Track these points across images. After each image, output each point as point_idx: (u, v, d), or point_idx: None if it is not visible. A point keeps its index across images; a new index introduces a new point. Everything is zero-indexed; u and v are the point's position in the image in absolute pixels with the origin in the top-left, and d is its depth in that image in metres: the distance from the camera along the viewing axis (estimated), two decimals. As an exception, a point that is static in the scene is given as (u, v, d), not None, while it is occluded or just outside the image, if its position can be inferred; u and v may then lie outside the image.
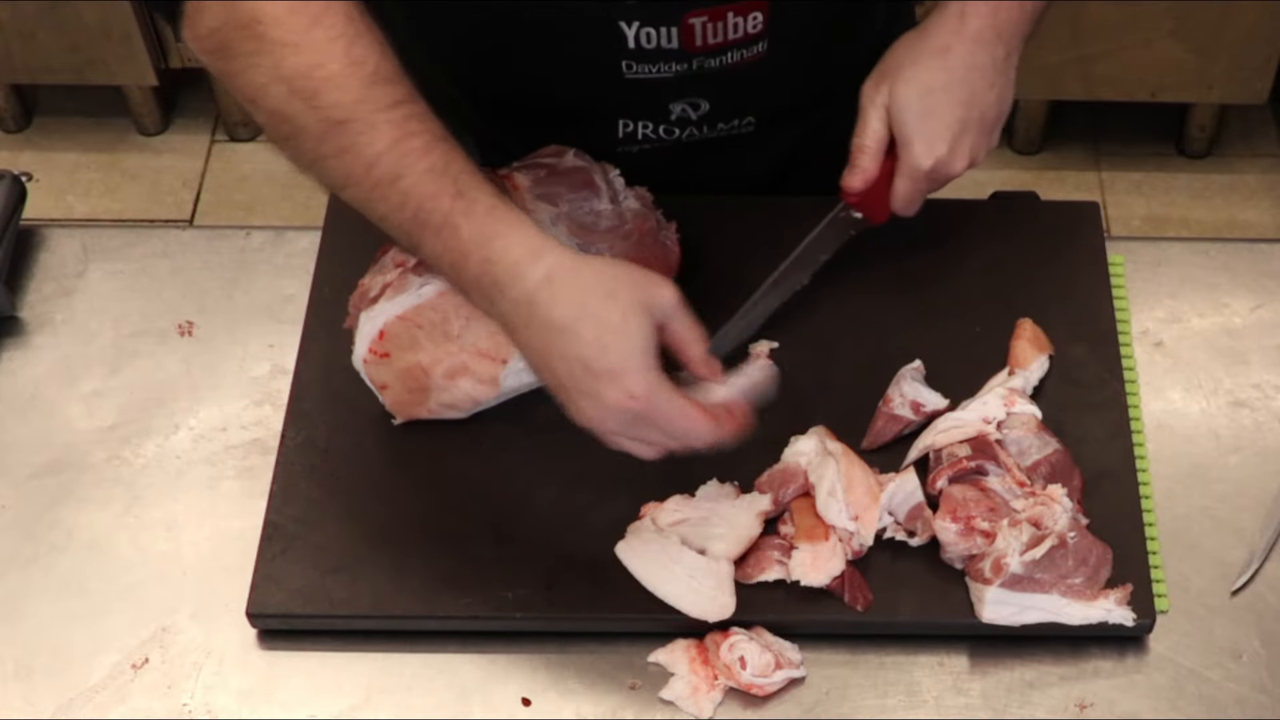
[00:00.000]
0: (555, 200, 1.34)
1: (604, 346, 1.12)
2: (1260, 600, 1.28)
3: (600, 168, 1.37)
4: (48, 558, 1.32)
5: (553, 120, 1.41)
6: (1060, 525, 1.23)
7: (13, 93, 3.03)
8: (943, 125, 1.27)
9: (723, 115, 1.42)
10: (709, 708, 1.22)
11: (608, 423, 1.15)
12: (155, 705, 1.24)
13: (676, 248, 1.39)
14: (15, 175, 1.50)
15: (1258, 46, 2.73)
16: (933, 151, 1.27)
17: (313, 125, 1.15)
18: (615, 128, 1.43)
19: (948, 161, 1.28)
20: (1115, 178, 2.99)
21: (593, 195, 1.35)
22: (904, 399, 1.33)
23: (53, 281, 1.50)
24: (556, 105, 1.41)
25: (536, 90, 1.41)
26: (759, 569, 1.25)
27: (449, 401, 1.31)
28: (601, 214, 1.35)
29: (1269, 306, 1.46)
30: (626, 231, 1.35)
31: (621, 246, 1.34)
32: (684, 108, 1.40)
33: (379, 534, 1.29)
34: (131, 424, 1.40)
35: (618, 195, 1.37)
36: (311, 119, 1.15)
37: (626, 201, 1.37)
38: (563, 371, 1.14)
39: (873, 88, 1.29)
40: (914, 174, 1.29)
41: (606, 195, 1.36)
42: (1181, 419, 1.38)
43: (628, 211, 1.36)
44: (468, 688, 1.25)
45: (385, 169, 1.14)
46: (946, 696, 1.23)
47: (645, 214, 1.37)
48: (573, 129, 1.40)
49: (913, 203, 1.32)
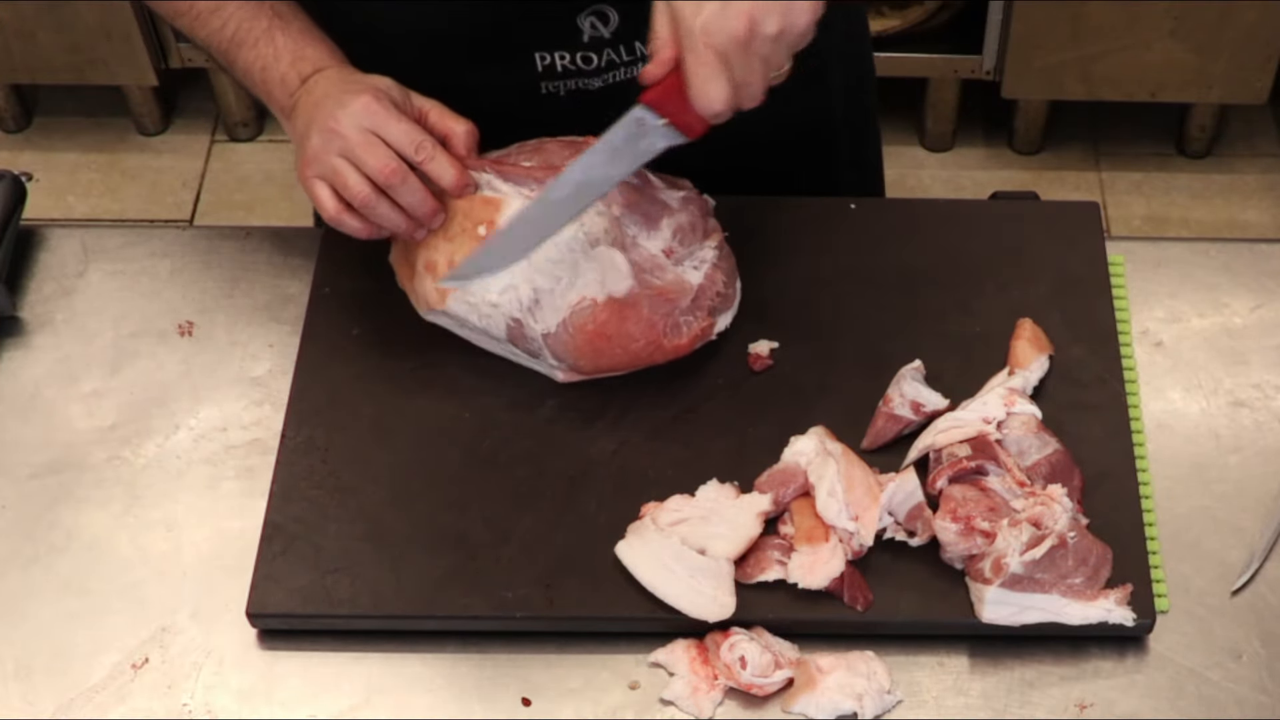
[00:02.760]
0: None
1: (360, 78, 1.34)
2: (1260, 600, 1.28)
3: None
4: (48, 558, 1.32)
5: (468, 60, 1.41)
6: (1060, 525, 1.23)
7: (13, 93, 3.04)
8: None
9: (637, 32, 1.38)
10: (709, 708, 1.22)
11: (336, 130, 1.28)
12: (155, 705, 1.24)
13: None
14: (15, 175, 1.50)
15: (1258, 46, 2.73)
16: (702, 10, 1.14)
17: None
18: (532, 60, 1.41)
19: (722, 16, 1.13)
20: (1115, 178, 2.99)
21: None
22: (904, 399, 1.33)
23: (53, 281, 1.50)
24: (466, 36, 1.41)
25: (444, 25, 1.40)
26: (759, 569, 1.25)
27: (415, 288, 1.38)
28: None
29: (1269, 306, 1.46)
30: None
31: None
32: (592, 21, 1.39)
33: (379, 534, 1.29)
34: (131, 424, 1.40)
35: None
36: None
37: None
38: (314, 115, 1.31)
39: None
40: (689, 39, 1.15)
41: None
42: (1181, 419, 1.38)
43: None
44: (468, 688, 1.25)
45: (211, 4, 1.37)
46: (946, 696, 1.23)
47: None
48: (492, 66, 1.41)
49: (707, 83, 1.16)
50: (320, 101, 1.32)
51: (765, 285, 1.42)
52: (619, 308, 1.31)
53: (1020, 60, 2.78)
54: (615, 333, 1.32)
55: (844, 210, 1.49)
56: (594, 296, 1.31)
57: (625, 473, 1.32)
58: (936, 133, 3.01)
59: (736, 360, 1.38)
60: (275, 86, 1.37)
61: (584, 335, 1.31)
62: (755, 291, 1.41)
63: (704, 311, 1.36)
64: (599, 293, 1.31)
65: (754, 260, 1.43)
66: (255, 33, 1.37)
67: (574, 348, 1.32)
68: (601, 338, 1.32)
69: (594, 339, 1.31)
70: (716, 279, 1.37)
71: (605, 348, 1.32)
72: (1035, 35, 2.73)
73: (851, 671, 1.22)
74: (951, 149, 3.04)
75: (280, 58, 1.36)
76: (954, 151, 3.04)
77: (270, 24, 1.37)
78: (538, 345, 1.33)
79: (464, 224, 1.33)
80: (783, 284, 1.43)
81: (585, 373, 1.34)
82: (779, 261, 1.44)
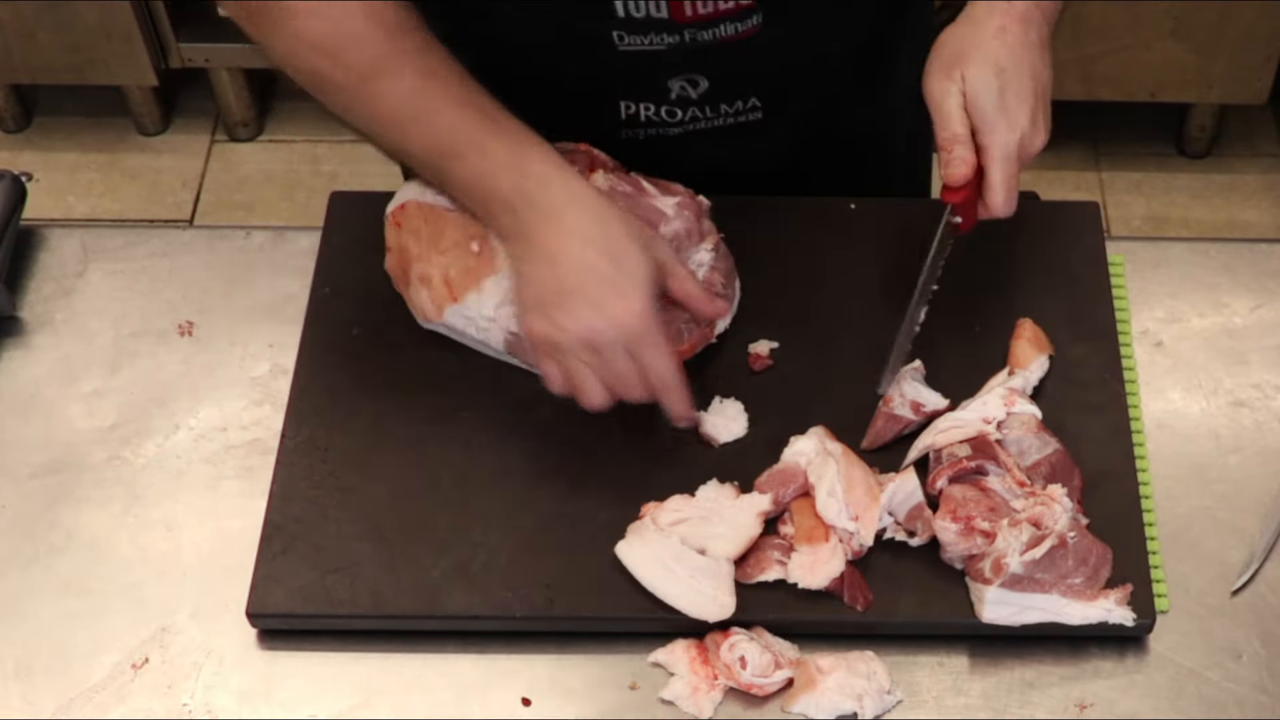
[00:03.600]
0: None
1: (616, 264, 1.22)
2: (1260, 600, 1.28)
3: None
4: (48, 558, 1.32)
5: (554, 102, 1.41)
6: (1060, 525, 1.23)
7: (13, 93, 3.04)
8: (1021, 100, 1.26)
9: (723, 95, 1.42)
10: (709, 708, 1.22)
11: (601, 335, 1.21)
12: (155, 705, 1.24)
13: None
14: (15, 175, 1.50)
15: (1258, 46, 2.73)
16: (1018, 126, 1.25)
17: (341, 79, 1.25)
18: (617, 109, 1.43)
19: (1031, 137, 1.26)
20: (1115, 178, 2.99)
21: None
22: (904, 399, 1.33)
23: (53, 281, 1.50)
24: (554, 84, 1.41)
25: (534, 69, 1.41)
26: (759, 569, 1.25)
27: (412, 298, 1.38)
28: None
29: (1269, 306, 1.46)
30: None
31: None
32: (682, 85, 1.40)
33: (379, 534, 1.29)
34: (131, 424, 1.40)
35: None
36: (339, 75, 1.25)
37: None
38: (567, 280, 1.22)
39: (941, 78, 1.27)
40: (1006, 154, 1.25)
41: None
42: (1181, 419, 1.38)
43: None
44: (468, 688, 1.25)
45: (414, 110, 1.25)
46: (946, 696, 1.23)
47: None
48: (575, 111, 1.41)
49: (1010, 191, 1.27)
50: (566, 262, 1.22)
51: (765, 285, 1.42)
52: None
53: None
54: None
55: (844, 210, 1.49)
56: None
57: (625, 473, 1.32)
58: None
59: (736, 360, 1.38)
60: (497, 206, 1.27)
61: None
62: (755, 291, 1.41)
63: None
64: None
65: (754, 260, 1.43)
66: (468, 144, 1.25)
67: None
68: None
69: None
70: (714, 281, 1.36)
71: None
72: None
73: (851, 671, 1.22)
74: (951, 149, 3.04)
75: (499, 176, 1.25)
76: (954, 152, 3.04)
77: (484, 132, 1.26)
78: (536, 357, 1.33)
79: (456, 237, 1.33)
80: (783, 284, 1.43)
81: None
82: (779, 261, 1.44)
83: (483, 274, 1.32)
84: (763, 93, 1.44)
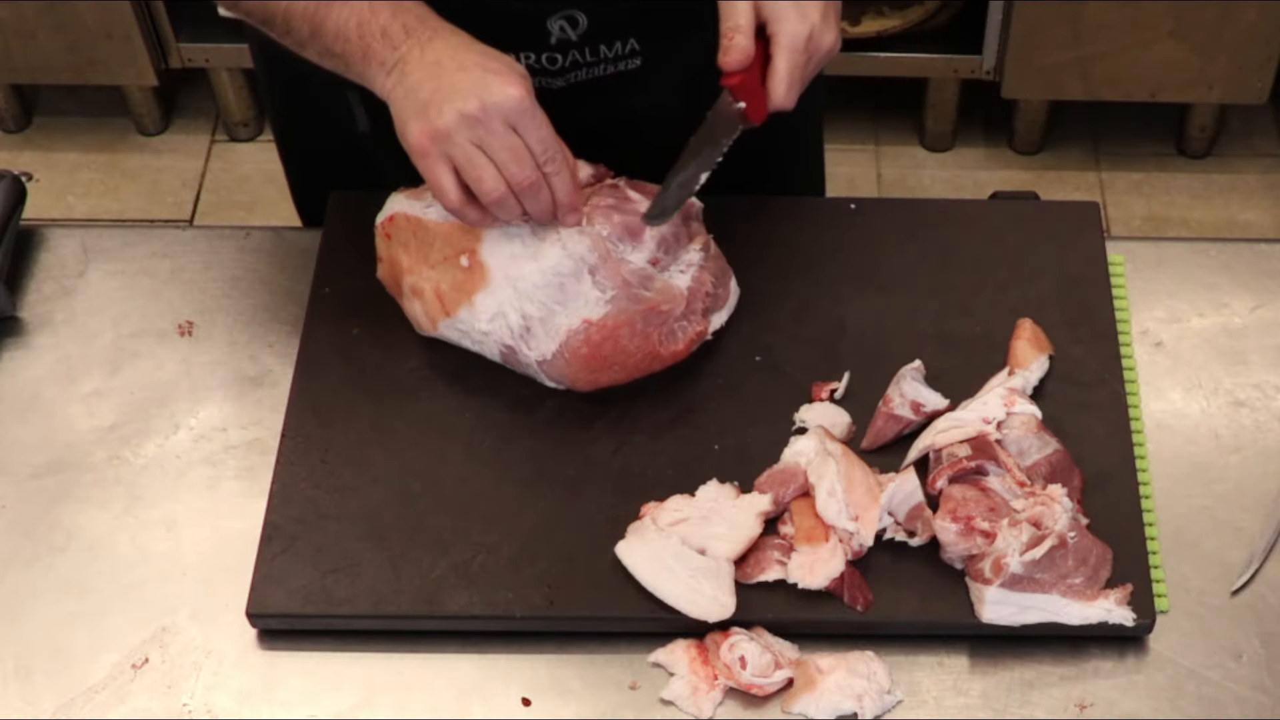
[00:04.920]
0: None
1: (493, 57, 1.25)
2: (1260, 600, 1.28)
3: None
4: (48, 558, 1.32)
5: None
6: (1060, 525, 1.23)
7: (13, 93, 3.03)
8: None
9: (602, 34, 1.41)
10: (709, 708, 1.22)
11: (481, 111, 1.22)
12: (155, 705, 1.24)
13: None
14: (15, 175, 1.50)
15: (1258, 46, 2.73)
16: (808, 18, 1.28)
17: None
18: None
19: (821, 31, 1.29)
20: (1115, 178, 2.99)
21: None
22: (904, 399, 1.33)
23: (53, 281, 1.50)
24: None
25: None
26: (759, 569, 1.25)
27: (406, 308, 1.39)
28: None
29: (1269, 306, 1.46)
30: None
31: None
32: (562, 24, 1.39)
33: (379, 534, 1.29)
34: (131, 424, 1.40)
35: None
36: None
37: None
38: (446, 78, 1.23)
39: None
40: (794, 44, 1.28)
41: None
42: (1181, 419, 1.38)
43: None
44: (468, 688, 1.25)
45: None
46: (946, 696, 1.23)
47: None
48: None
49: (793, 83, 1.29)
50: (445, 66, 1.25)
51: (765, 285, 1.42)
52: (612, 327, 1.31)
53: (1020, 60, 2.78)
54: (611, 352, 1.32)
55: (844, 210, 1.49)
56: (585, 318, 1.31)
57: (625, 473, 1.32)
58: (936, 133, 3.00)
59: (736, 360, 1.38)
60: (375, 40, 1.27)
61: (579, 358, 1.31)
62: (755, 291, 1.41)
63: (697, 315, 1.35)
64: (590, 314, 1.31)
65: (753, 260, 1.43)
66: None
67: (570, 370, 1.32)
68: (597, 358, 1.32)
69: (589, 360, 1.32)
70: (705, 280, 1.36)
71: (601, 366, 1.32)
72: (1035, 35, 2.73)
73: (851, 672, 1.22)
74: (951, 149, 3.04)
75: (378, 10, 1.27)
76: (954, 151, 3.04)
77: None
78: (533, 370, 1.33)
79: (445, 251, 1.33)
80: (782, 284, 1.43)
81: (583, 389, 1.34)
82: (778, 261, 1.45)
83: (474, 289, 1.32)
84: (641, 34, 1.43)
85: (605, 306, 1.31)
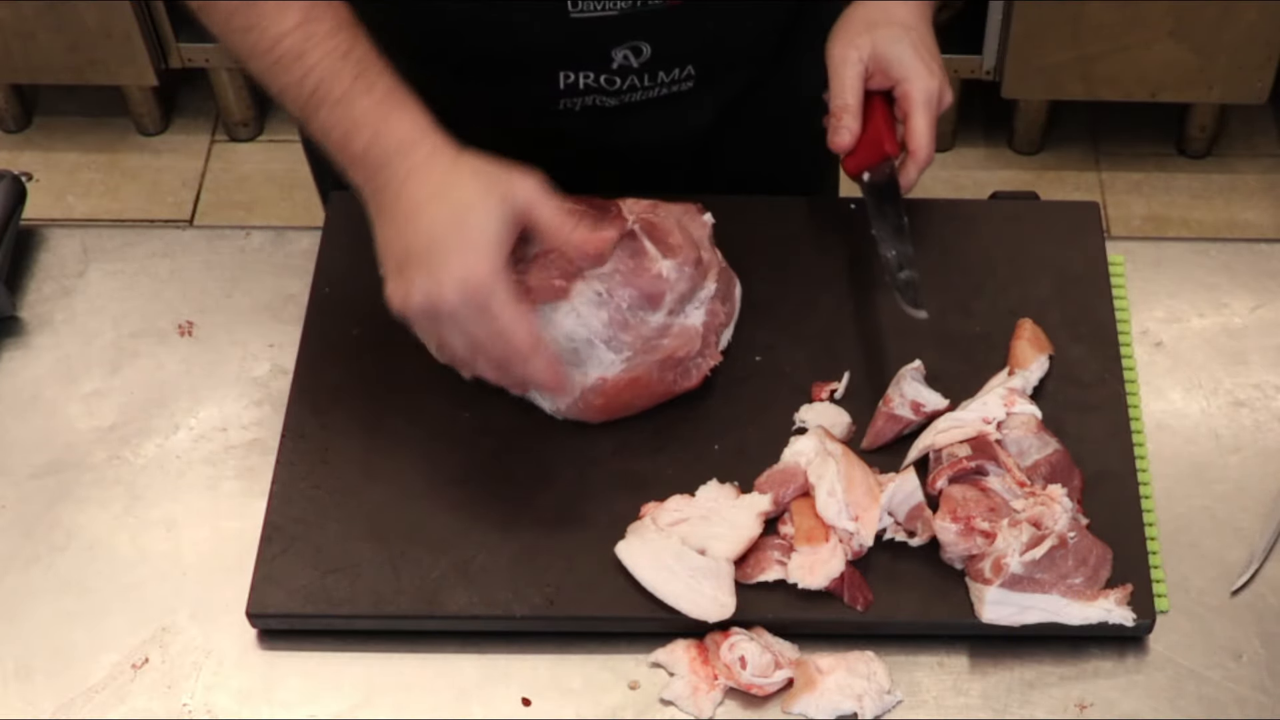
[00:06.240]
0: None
1: (458, 224, 1.16)
2: (1260, 600, 1.28)
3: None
4: (48, 558, 1.32)
5: (493, 73, 1.41)
6: (1060, 525, 1.23)
7: (13, 93, 3.04)
8: (933, 55, 1.36)
9: (663, 63, 1.42)
10: (709, 708, 1.22)
11: (440, 303, 1.16)
12: (155, 705, 1.24)
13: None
14: (15, 175, 1.50)
15: (1258, 46, 2.73)
16: (935, 74, 1.34)
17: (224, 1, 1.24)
18: (556, 79, 1.42)
19: (944, 85, 1.35)
20: (1115, 178, 2.99)
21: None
22: (904, 399, 1.33)
23: (53, 281, 1.50)
24: (497, 55, 1.41)
25: (477, 37, 1.40)
26: (759, 569, 1.25)
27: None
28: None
29: (1269, 306, 1.46)
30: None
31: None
32: (626, 53, 1.40)
33: (379, 534, 1.29)
34: (131, 424, 1.40)
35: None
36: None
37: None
38: (413, 244, 1.17)
39: (844, 45, 1.35)
40: (929, 98, 1.34)
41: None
42: (1181, 419, 1.38)
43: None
44: (468, 688, 1.25)
45: (289, 47, 1.21)
46: (946, 696, 1.23)
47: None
48: (514, 79, 1.41)
49: (932, 139, 1.36)
50: (417, 222, 1.17)
51: (765, 285, 1.42)
52: (628, 381, 1.32)
53: (1020, 60, 2.78)
54: (629, 399, 1.32)
55: (844, 210, 1.49)
56: (601, 376, 1.31)
57: (625, 473, 1.32)
58: (936, 132, 3.01)
59: (736, 360, 1.38)
60: (355, 163, 1.23)
61: (595, 409, 1.32)
62: (755, 291, 1.41)
63: (711, 348, 1.35)
64: (606, 373, 1.31)
65: (754, 261, 1.43)
66: (336, 92, 1.21)
67: (587, 415, 1.33)
68: (612, 407, 1.32)
69: (604, 409, 1.33)
70: (718, 311, 1.36)
71: (618, 410, 1.33)
72: (1035, 35, 2.73)
73: (851, 672, 1.22)
74: (951, 149, 3.04)
75: (360, 130, 1.21)
76: (954, 151, 3.04)
77: (352, 85, 1.21)
78: (552, 414, 1.34)
79: None
80: (783, 284, 1.43)
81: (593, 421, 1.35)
82: (779, 261, 1.45)
83: None
84: (700, 62, 1.44)
85: (622, 365, 1.32)
